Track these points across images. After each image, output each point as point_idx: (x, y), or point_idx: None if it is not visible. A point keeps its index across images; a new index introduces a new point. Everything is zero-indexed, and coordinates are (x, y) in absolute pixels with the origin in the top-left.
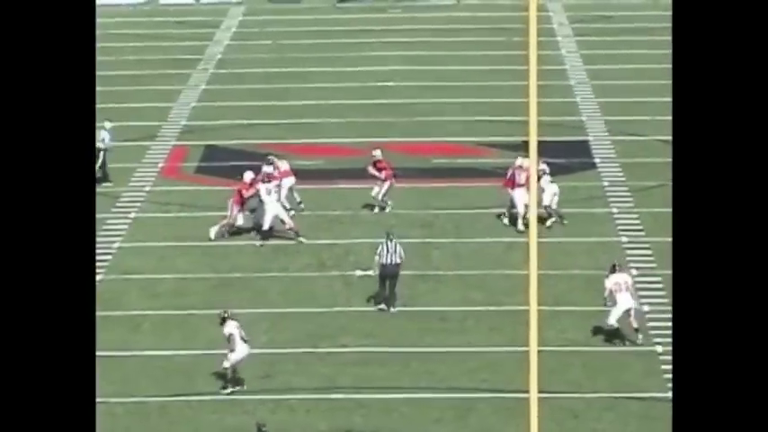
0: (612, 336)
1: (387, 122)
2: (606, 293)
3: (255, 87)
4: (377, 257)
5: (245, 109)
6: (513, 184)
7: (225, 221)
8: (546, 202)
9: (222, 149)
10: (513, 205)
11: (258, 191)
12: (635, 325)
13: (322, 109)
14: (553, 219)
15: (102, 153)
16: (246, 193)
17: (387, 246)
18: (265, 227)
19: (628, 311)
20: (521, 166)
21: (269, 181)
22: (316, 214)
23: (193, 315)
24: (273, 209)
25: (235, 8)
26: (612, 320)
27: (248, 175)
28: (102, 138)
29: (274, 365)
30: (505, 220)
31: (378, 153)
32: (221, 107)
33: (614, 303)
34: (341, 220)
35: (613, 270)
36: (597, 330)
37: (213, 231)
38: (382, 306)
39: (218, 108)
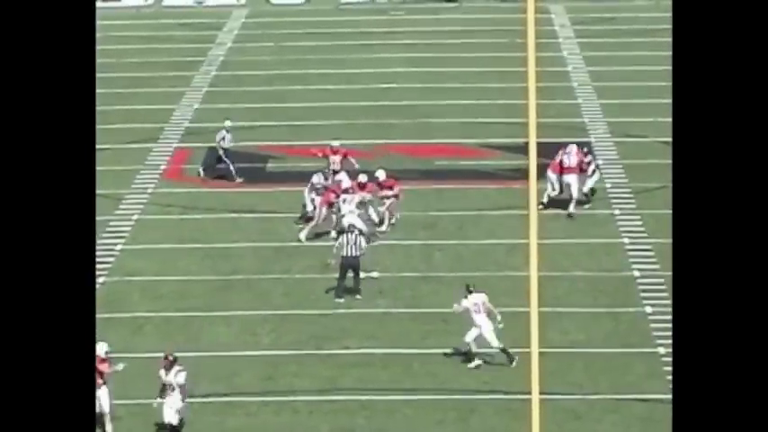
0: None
1: (389, 124)
2: (460, 311)
3: (258, 89)
4: (335, 250)
5: (247, 111)
6: (560, 168)
7: (313, 223)
8: (585, 189)
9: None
10: (561, 190)
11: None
12: (495, 344)
13: (324, 111)
14: (589, 204)
15: (222, 152)
16: (333, 199)
17: (347, 238)
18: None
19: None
20: (569, 152)
21: (353, 191)
22: None
23: (196, 317)
24: (349, 218)
25: (237, 10)
26: (470, 338)
27: (346, 183)
28: (222, 137)
29: (277, 367)
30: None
31: (381, 174)
32: (224, 109)
33: (472, 323)
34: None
35: (469, 291)
36: (599, 332)
37: (303, 234)
38: (340, 299)
39: (220, 110)
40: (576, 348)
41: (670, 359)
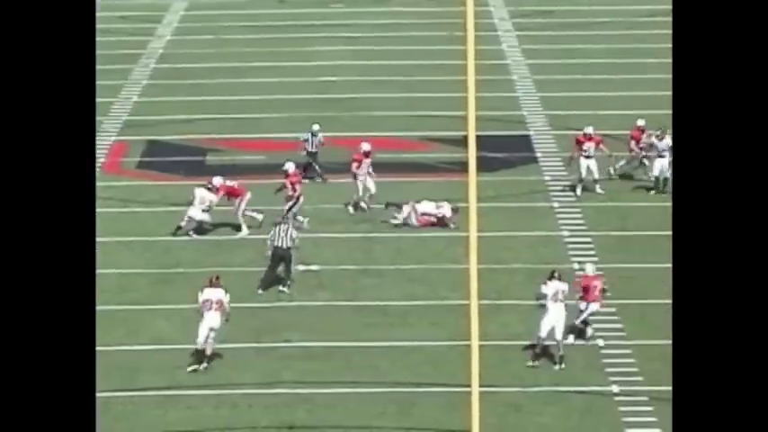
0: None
1: (329, 117)
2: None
3: (197, 82)
4: (269, 241)
5: (186, 104)
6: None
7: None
8: (655, 172)
9: (164, 144)
10: (589, 172)
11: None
12: (209, 351)
13: (264, 104)
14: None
15: (308, 155)
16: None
17: (279, 229)
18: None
19: (212, 329)
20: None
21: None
22: (258, 209)
23: (136, 310)
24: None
25: (177, 3)
26: (202, 337)
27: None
28: (306, 139)
29: (217, 360)
30: (579, 191)
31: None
32: (163, 102)
33: (202, 319)
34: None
35: (211, 283)
36: (539, 324)
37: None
38: (261, 291)
39: (159, 103)
40: (516, 341)
41: (609, 351)
